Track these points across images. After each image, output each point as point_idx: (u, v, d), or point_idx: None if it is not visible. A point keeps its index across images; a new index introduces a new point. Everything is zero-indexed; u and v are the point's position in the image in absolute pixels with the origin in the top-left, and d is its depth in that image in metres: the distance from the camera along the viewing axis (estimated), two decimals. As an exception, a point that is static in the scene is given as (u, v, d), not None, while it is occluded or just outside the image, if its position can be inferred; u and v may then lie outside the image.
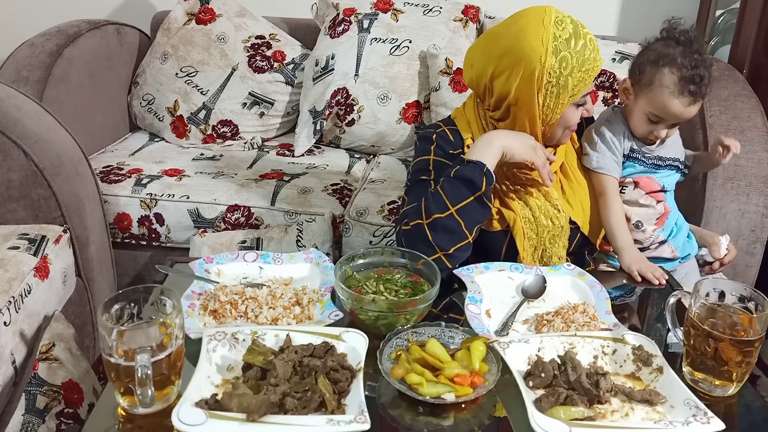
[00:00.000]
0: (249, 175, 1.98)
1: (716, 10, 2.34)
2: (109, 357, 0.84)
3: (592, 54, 1.20)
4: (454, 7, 2.22)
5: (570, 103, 1.23)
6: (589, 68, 1.20)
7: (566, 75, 1.19)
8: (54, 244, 1.50)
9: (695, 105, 1.28)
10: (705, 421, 0.83)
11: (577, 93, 1.21)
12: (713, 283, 0.98)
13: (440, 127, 1.34)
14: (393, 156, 2.22)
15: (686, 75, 1.24)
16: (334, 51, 2.16)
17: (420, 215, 1.19)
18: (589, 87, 1.23)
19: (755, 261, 1.66)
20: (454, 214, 1.18)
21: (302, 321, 1.05)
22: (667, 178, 1.38)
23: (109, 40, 2.26)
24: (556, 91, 1.20)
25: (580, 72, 1.19)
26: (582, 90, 1.22)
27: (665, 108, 1.27)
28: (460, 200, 1.18)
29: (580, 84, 1.20)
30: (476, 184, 1.18)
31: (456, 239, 1.18)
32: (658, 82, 1.27)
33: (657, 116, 1.29)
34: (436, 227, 1.17)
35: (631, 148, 1.35)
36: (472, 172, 1.18)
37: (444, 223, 1.17)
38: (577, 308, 1.09)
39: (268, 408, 0.82)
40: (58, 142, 1.61)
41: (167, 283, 1.16)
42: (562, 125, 1.27)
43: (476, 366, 0.92)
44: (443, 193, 1.18)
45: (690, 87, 1.24)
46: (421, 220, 1.18)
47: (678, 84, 1.25)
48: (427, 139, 1.32)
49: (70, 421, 1.19)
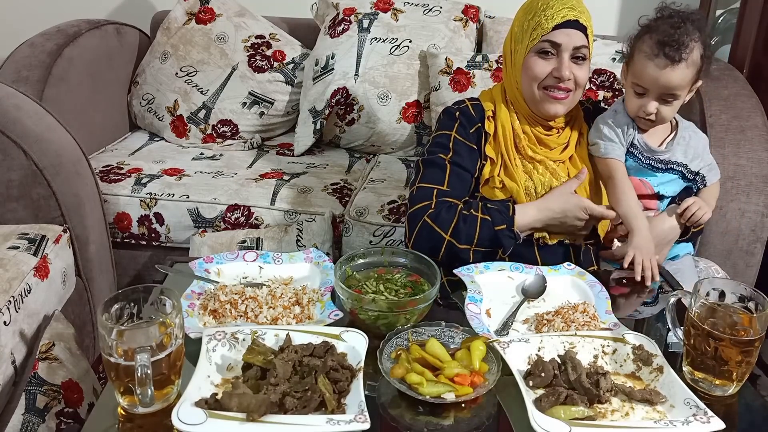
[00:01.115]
0: (249, 174, 1.98)
1: (716, 10, 2.34)
2: (109, 357, 0.84)
3: (557, 4, 1.25)
4: (454, 7, 2.22)
5: (530, 47, 1.27)
6: (549, 15, 1.25)
7: (529, 19, 1.28)
8: (54, 243, 1.50)
9: (674, 70, 1.24)
10: (705, 420, 0.83)
11: (536, 37, 1.26)
12: (713, 283, 0.98)
13: (464, 103, 1.39)
14: (393, 155, 2.21)
15: (662, 39, 1.24)
16: (334, 51, 2.15)
17: (447, 229, 1.24)
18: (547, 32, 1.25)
19: (755, 261, 1.66)
20: (470, 251, 1.25)
21: (302, 321, 1.05)
22: (667, 185, 1.36)
23: (109, 39, 2.26)
24: (520, 36, 1.30)
25: (539, 17, 1.26)
26: (540, 33, 1.26)
27: (642, 73, 1.26)
28: (483, 246, 1.25)
29: (538, 28, 1.26)
30: (504, 250, 1.26)
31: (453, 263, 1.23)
32: (638, 49, 1.28)
33: (639, 85, 1.28)
34: (452, 251, 1.24)
35: (632, 142, 1.34)
36: (508, 241, 1.25)
37: (457, 251, 1.24)
38: (577, 308, 1.09)
39: (268, 408, 0.82)
40: (57, 141, 1.61)
41: (167, 282, 1.16)
42: (527, 76, 1.30)
43: (476, 366, 0.92)
44: (477, 231, 1.24)
45: (665, 49, 1.23)
46: (446, 234, 1.24)
47: (654, 47, 1.24)
48: (450, 115, 1.38)
49: (70, 420, 1.19)
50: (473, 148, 1.34)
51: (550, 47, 1.27)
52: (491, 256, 1.26)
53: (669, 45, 1.23)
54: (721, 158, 1.60)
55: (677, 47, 1.23)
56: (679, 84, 1.25)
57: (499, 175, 1.33)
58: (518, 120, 1.36)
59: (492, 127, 1.35)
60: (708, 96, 1.68)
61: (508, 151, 1.33)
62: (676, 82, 1.25)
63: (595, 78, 2.03)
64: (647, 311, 1.23)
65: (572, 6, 1.26)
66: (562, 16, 1.25)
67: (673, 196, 1.38)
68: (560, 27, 1.25)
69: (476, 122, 1.35)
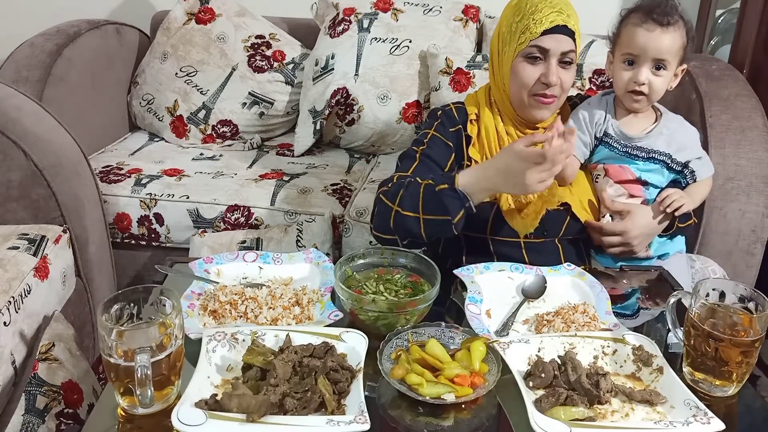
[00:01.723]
0: (249, 175, 1.98)
1: (716, 10, 2.34)
2: (109, 357, 0.84)
3: (545, 8, 1.24)
4: (454, 7, 2.22)
5: (517, 52, 1.27)
6: (537, 19, 1.24)
7: (516, 22, 1.27)
8: (54, 244, 1.50)
9: (663, 32, 1.25)
10: (705, 421, 0.83)
11: (524, 42, 1.26)
12: (713, 283, 0.98)
13: (448, 106, 1.40)
14: (393, 156, 2.21)
15: (649, 7, 1.27)
16: (334, 51, 2.15)
17: (393, 199, 1.23)
18: (536, 36, 1.25)
19: (755, 261, 1.66)
20: (420, 219, 1.21)
21: (302, 321, 1.05)
22: (650, 173, 1.34)
23: (109, 40, 2.26)
24: (508, 38, 1.29)
25: (527, 20, 1.25)
26: (528, 38, 1.25)
27: (632, 41, 1.27)
28: (430, 213, 1.20)
29: (527, 32, 1.25)
30: (451, 214, 1.18)
31: (411, 237, 1.24)
32: (626, 24, 1.29)
33: (629, 53, 1.29)
34: (399, 220, 1.22)
35: (605, 131, 1.34)
36: (453, 203, 1.18)
37: (407, 221, 1.22)
38: (577, 308, 1.09)
39: (268, 408, 0.82)
40: (57, 142, 1.61)
41: (167, 283, 1.16)
42: (515, 82, 1.30)
43: (476, 366, 0.92)
44: (420, 196, 1.21)
45: (653, 15, 1.25)
46: (392, 204, 1.23)
47: (642, 16, 1.27)
48: (433, 115, 1.40)
49: (70, 421, 1.18)
50: (449, 146, 1.34)
51: (538, 52, 1.26)
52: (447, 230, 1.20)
53: (656, 11, 1.26)
54: (721, 158, 1.59)
55: (665, 12, 1.25)
56: (668, 48, 1.26)
57: None
58: (502, 122, 1.36)
59: (475, 131, 1.36)
60: (708, 96, 1.68)
61: (492, 153, 1.33)
62: (666, 45, 1.26)
63: (596, 78, 2.03)
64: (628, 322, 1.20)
65: (561, 10, 1.25)
66: (551, 21, 1.24)
67: (660, 186, 1.36)
68: (549, 32, 1.24)
69: (458, 124, 1.36)
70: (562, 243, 1.33)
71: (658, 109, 1.36)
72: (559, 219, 1.31)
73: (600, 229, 1.32)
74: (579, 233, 1.34)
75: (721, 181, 1.59)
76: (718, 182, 1.59)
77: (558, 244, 1.33)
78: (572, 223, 1.32)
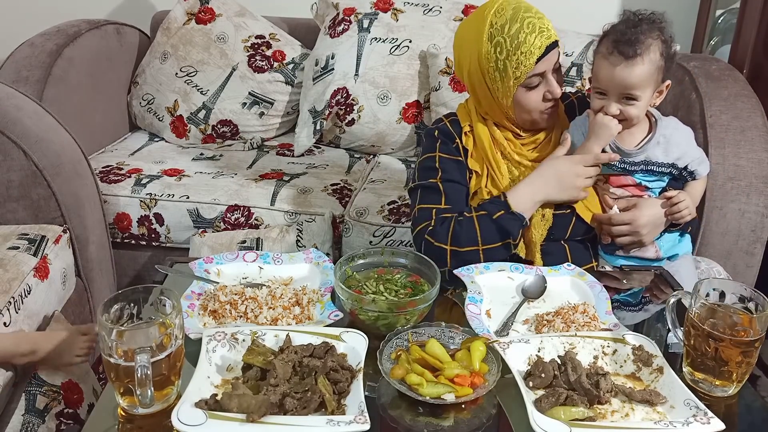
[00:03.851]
0: (249, 175, 1.98)
1: (716, 10, 2.34)
2: (109, 357, 0.84)
3: (529, 37, 1.22)
4: (454, 7, 2.22)
5: (516, 86, 1.26)
6: (526, 51, 1.22)
7: (503, 59, 1.24)
8: (54, 244, 1.50)
9: (628, 66, 1.21)
10: (705, 421, 0.83)
11: (520, 76, 1.24)
12: (713, 283, 0.98)
13: (442, 121, 1.40)
14: (393, 156, 2.21)
15: (617, 37, 1.23)
16: (334, 51, 2.15)
17: (445, 239, 1.22)
18: (532, 68, 1.24)
19: (755, 261, 1.66)
20: (480, 252, 1.22)
21: (302, 321, 1.05)
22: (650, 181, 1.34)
23: (109, 40, 2.26)
24: (498, 75, 1.26)
25: (516, 55, 1.23)
26: (525, 72, 1.24)
27: (599, 73, 1.26)
28: (491, 242, 1.23)
29: (521, 66, 1.23)
30: (512, 236, 1.23)
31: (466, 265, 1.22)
32: (596, 53, 1.28)
33: (597, 87, 1.27)
34: (458, 258, 1.22)
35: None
36: (512, 224, 1.23)
37: (465, 256, 1.22)
38: (577, 308, 1.09)
39: (268, 408, 0.82)
40: (58, 142, 1.61)
41: (167, 283, 1.16)
42: (521, 109, 1.29)
43: (476, 366, 0.92)
44: (477, 229, 1.23)
45: (619, 46, 1.21)
46: (446, 245, 1.22)
47: (609, 46, 1.23)
48: (431, 136, 1.38)
49: (70, 421, 1.19)
50: (460, 161, 1.34)
51: (537, 79, 1.26)
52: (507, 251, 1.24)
53: (622, 42, 1.21)
54: (721, 158, 1.59)
55: (631, 43, 1.21)
56: (636, 82, 1.22)
57: (486, 186, 1.33)
58: (497, 130, 1.35)
59: (470, 142, 1.36)
60: (708, 96, 1.68)
61: (491, 162, 1.33)
62: (632, 79, 1.22)
63: (595, 78, 2.03)
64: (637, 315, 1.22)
65: (540, 29, 1.23)
66: (539, 48, 1.22)
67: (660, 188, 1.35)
68: (541, 57, 1.24)
69: (455, 139, 1.36)
70: (569, 243, 1.33)
71: (652, 115, 1.35)
72: (565, 221, 1.31)
73: (609, 220, 1.31)
74: (585, 233, 1.34)
75: (721, 181, 1.59)
76: (718, 182, 1.59)
77: (565, 245, 1.33)
78: (578, 225, 1.33)
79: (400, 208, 1.79)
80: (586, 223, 1.32)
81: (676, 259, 1.41)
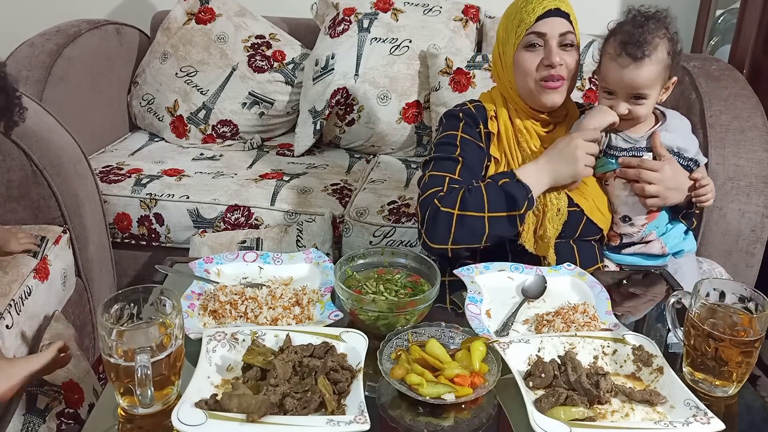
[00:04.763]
0: (249, 175, 1.98)
1: (716, 10, 2.34)
2: (109, 357, 0.84)
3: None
4: (454, 7, 2.22)
5: (516, 43, 1.29)
6: (530, 9, 1.27)
7: (511, 20, 1.31)
8: (54, 245, 1.50)
9: (637, 68, 1.22)
10: (705, 421, 0.83)
11: (520, 34, 1.29)
12: (713, 283, 0.98)
13: (465, 105, 1.41)
14: (393, 156, 2.21)
15: (624, 38, 1.24)
16: (334, 51, 2.15)
17: (453, 204, 1.22)
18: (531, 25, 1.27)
19: (755, 261, 1.66)
20: (485, 219, 1.22)
21: (302, 321, 1.05)
22: None
23: (109, 40, 2.26)
24: (506, 38, 1.32)
25: (521, 14, 1.29)
26: (524, 29, 1.28)
27: (607, 74, 1.27)
28: (497, 210, 1.22)
29: (522, 24, 1.28)
30: (518, 204, 1.23)
31: (473, 241, 1.23)
32: (604, 53, 1.29)
33: (605, 87, 1.29)
34: (464, 223, 1.21)
35: (608, 144, 1.33)
36: (518, 191, 1.23)
37: (471, 222, 1.21)
38: (577, 308, 1.09)
39: (268, 408, 0.82)
40: (58, 142, 1.61)
41: (167, 283, 1.16)
42: (519, 72, 1.31)
43: (476, 366, 0.92)
44: (485, 195, 1.22)
45: (627, 48, 1.23)
46: (453, 209, 1.22)
47: (617, 47, 1.25)
48: (454, 117, 1.38)
49: (71, 421, 1.19)
50: (481, 147, 1.34)
51: (536, 38, 1.28)
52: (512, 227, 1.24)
53: (631, 43, 1.23)
54: (721, 158, 1.59)
55: (639, 45, 1.22)
56: (644, 83, 1.24)
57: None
58: (518, 117, 1.36)
59: (495, 127, 1.36)
60: (708, 96, 1.68)
61: (511, 150, 1.34)
62: (641, 80, 1.24)
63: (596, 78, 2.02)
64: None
65: None
66: (543, 7, 1.27)
67: None
68: (542, 17, 1.27)
69: (479, 123, 1.36)
70: (578, 244, 1.33)
71: (657, 108, 1.35)
72: (574, 221, 1.31)
73: (640, 164, 1.29)
74: (594, 234, 1.34)
75: (721, 181, 1.59)
76: (718, 182, 1.59)
77: (573, 245, 1.33)
78: (588, 224, 1.32)
79: (400, 208, 1.79)
80: (595, 224, 1.32)
81: (681, 255, 1.41)
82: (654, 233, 1.36)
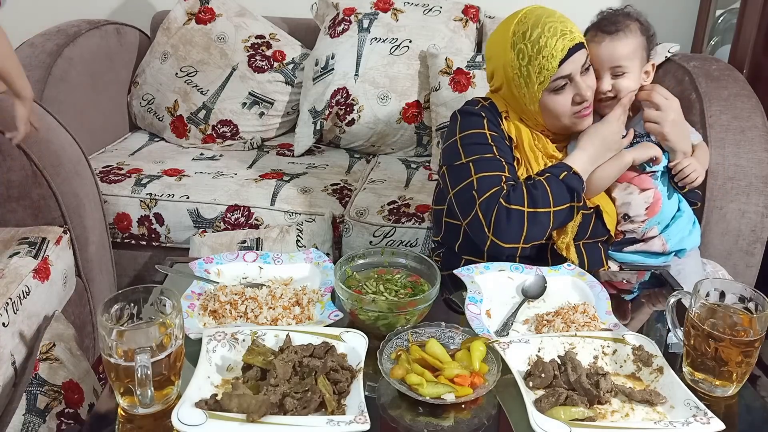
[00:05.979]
0: (249, 175, 1.98)
1: (716, 10, 2.34)
2: (109, 357, 0.84)
3: (550, 40, 1.22)
4: (454, 7, 2.22)
5: (541, 90, 1.26)
6: (547, 54, 1.23)
7: (525, 65, 1.25)
8: (54, 245, 1.50)
9: (613, 41, 1.30)
10: (705, 421, 0.83)
11: (544, 80, 1.24)
12: (713, 283, 0.98)
13: (479, 103, 1.37)
14: (393, 156, 2.21)
15: (598, 22, 1.34)
16: (334, 51, 2.15)
17: (522, 201, 1.22)
18: (555, 71, 1.23)
19: (755, 261, 1.66)
20: (551, 213, 1.23)
21: (302, 321, 1.05)
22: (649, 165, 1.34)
23: (109, 40, 2.26)
24: (523, 82, 1.26)
25: (538, 59, 1.23)
26: (548, 76, 1.24)
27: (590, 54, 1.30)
28: (561, 203, 1.24)
29: (543, 71, 1.24)
30: (579, 196, 1.25)
31: (542, 236, 1.25)
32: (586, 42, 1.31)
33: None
34: (535, 220, 1.22)
35: None
36: (577, 184, 1.25)
37: (541, 218, 1.22)
38: (577, 308, 1.09)
39: (268, 408, 0.82)
40: (58, 142, 1.61)
41: (167, 283, 1.16)
42: (549, 115, 1.29)
43: (476, 366, 0.92)
44: (549, 190, 1.23)
45: (602, 26, 1.31)
46: (523, 207, 1.22)
47: (593, 31, 1.33)
48: (475, 114, 1.34)
49: (71, 421, 1.19)
50: (507, 144, 1.33)
51: (562, 81, 1.25)
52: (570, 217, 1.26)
53: (603, 23, 1.32)
54: (721, 158, 1.60)
55: (611, 23, 1.31)
56: (621, 54, 1.30)
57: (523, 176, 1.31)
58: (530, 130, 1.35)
59: (512, 129, 1.34)
60: (708, 96, 1.68)
61: (528, 151, 1.33)
62: (618, 52, 1.30)
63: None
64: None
65: (563, 32, 1.23)
66: (562, 50, 1.22)
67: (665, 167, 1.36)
68: (564, 59, 1.23)
69: (499, 121, 1.34)
70: (585, 245, 1.33)
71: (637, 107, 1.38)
72: (585, 222, 1.31)
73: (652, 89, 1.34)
74: (601, 235, 1.35)
75: (721, 181, 1.59)
76: (718, 182, 1.59)
77: (582, 247, 1.33)
78: (596, 226, 1.32)
79: (400, 208, 1.79)
80: (603, 225, 1.33)
81: (683, 255, 1.41)
82: (656, 228, 1.36)
